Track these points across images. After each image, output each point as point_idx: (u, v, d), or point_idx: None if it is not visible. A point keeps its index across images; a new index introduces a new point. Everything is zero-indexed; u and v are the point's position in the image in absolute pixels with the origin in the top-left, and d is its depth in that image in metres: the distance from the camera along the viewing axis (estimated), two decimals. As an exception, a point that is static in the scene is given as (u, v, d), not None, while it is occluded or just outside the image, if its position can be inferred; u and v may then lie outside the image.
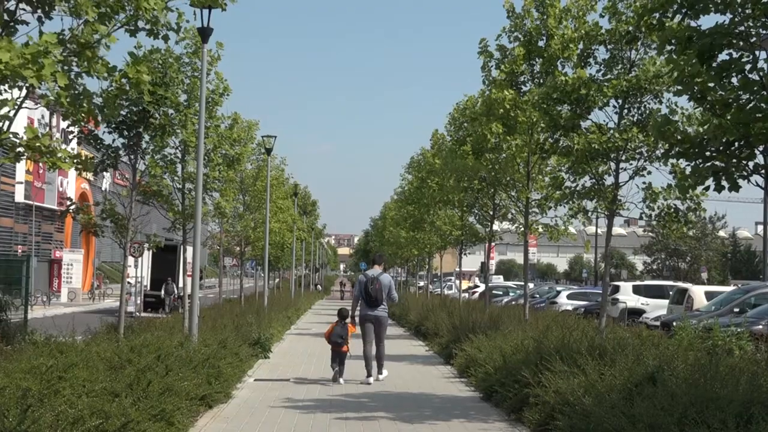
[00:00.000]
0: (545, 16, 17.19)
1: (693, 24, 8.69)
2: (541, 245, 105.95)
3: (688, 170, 9.26)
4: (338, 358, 15.39)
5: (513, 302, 35.30)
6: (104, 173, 28.52)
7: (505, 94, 17.49)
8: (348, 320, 15.79)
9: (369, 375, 15.38)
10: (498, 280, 77.53)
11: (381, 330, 15.72)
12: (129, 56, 9.95)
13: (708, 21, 45.28)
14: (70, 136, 15.05)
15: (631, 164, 14.97)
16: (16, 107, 8.62)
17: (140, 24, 9.71)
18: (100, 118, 10.35)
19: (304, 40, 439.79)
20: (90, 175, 14.21)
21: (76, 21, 9.09)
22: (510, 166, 19.45)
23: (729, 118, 8.53)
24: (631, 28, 14.25)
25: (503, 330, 16.82)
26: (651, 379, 9.43)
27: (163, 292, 39.40)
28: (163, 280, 39.76)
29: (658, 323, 24.51)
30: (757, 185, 9.13)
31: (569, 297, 36.86)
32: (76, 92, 9.04)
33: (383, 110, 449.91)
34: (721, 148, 8.86)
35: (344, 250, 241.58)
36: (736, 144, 8.78)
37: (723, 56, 8.57)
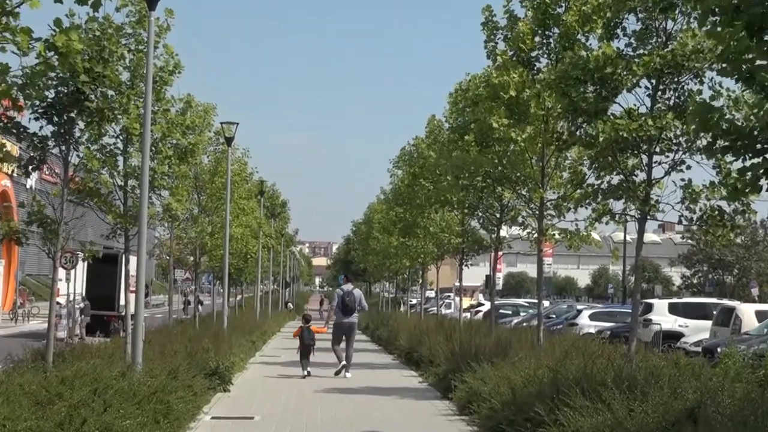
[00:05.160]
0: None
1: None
2: (559, 255, 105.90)
3: (735, 166, 9.24)
4: (306, 355, 22.52)
5: (524, 323, 35.30)
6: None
7: (511, 76, 17.52)
8: (311, 324, 23.38)
9: (340, 361, 22.41)
10: None
11: (352, 334, 23.01)
12: (55, 24, 9.86)
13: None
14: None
15: (667, 157, 15.01)
16: None
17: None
18: (22, 101, 10.28)
19: (269, 11, 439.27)
20: (13, 169, 14.14)
21: None
22: (520, 159, 19.47)
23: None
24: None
25: (512, 357, 16.84)
26: (691, 417, 9.46)
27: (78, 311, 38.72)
28: (105, 296, 39.45)
29: (699, 349, 24.57)
30: (819, 183, 9.14)
31: (592, 317, 36.93)
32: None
33: (370, 95, 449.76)
34: (774, 139, 8.86)
35: (320, 261, 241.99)
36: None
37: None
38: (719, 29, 8.72)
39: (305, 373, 22.23)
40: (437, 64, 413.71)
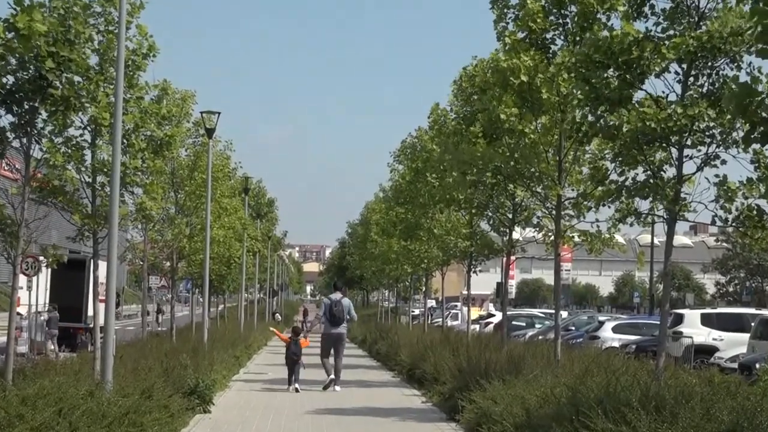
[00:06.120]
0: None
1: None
2: (578, 260, 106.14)
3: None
4: (292, 369, 23.86)
5: (540, 336, 35.31)
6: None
7: (522, 59, 17.50)
8: (302, 336, 24.88)
9: (329, 375, 23.80)
10: None
11: (340, 346, 24.34)
12: (15, 3, 9.83)
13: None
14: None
15: (700, 151, 15.00)
16: None
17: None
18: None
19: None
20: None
21: None
22: (534, 153, 19.44)
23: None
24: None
25: (527, 374, 16.84)
26: (726, 441, 9.45)
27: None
28: (71, 306, 39.38)
29: (735, 365, 24.57)
30: None
31: (616, 330, 36.94)
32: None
33: (366, 79, 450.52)
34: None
35: (312, 266, 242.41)
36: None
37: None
38: (762, 5, 8.68)
39: (290, 386, 23.73)
40: (441, 52, 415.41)
